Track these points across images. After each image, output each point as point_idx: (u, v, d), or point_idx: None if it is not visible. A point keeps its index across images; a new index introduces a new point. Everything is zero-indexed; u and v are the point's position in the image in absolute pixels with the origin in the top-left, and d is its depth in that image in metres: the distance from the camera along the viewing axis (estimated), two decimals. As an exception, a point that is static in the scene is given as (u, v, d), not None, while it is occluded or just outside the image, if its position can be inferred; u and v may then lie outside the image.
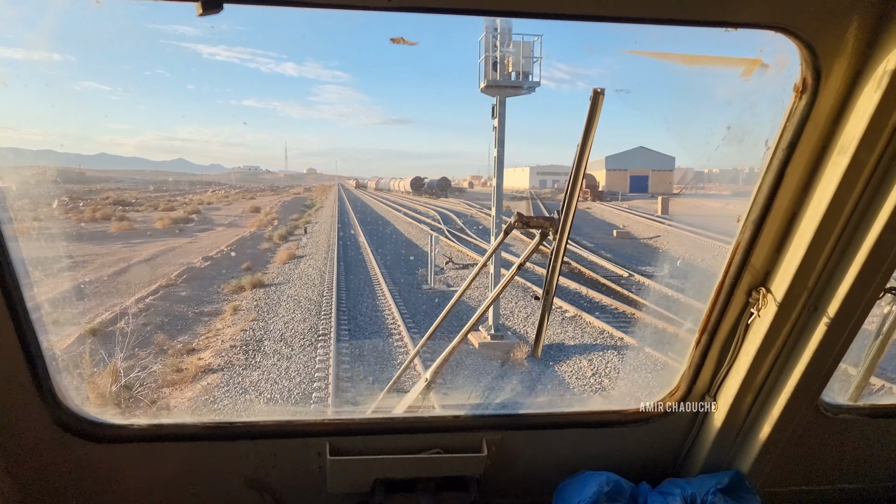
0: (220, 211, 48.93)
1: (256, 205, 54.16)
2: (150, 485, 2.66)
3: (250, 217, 43.40)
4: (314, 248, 29.04)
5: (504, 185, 15.95)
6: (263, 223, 37.30)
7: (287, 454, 2.68)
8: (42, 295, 9.39)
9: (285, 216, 44.49)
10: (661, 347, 11.79)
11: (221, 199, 64.91)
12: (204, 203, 55.86)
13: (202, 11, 1.59)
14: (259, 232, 33.79)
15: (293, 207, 55.43)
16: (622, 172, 74.65)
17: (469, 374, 11.25)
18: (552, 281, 2.47)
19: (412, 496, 2.73)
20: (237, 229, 35.92)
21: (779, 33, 1.89)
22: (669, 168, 73.60)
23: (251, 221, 39.24)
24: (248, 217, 43.79)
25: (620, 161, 75.54)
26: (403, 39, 1.98)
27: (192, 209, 44.48)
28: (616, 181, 71.71)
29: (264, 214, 44.07)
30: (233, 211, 49.29)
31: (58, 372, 2.46)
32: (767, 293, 2.39)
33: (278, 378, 12.12)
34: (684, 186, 64.35)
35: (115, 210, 40.85)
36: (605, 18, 1.87)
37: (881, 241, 2.10)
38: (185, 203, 52.17)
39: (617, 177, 73.69)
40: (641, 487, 2.72)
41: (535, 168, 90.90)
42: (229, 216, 44.11)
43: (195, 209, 44.86)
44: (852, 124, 1.99)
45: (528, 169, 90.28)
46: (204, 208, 49.30)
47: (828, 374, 2.51)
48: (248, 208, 50.20)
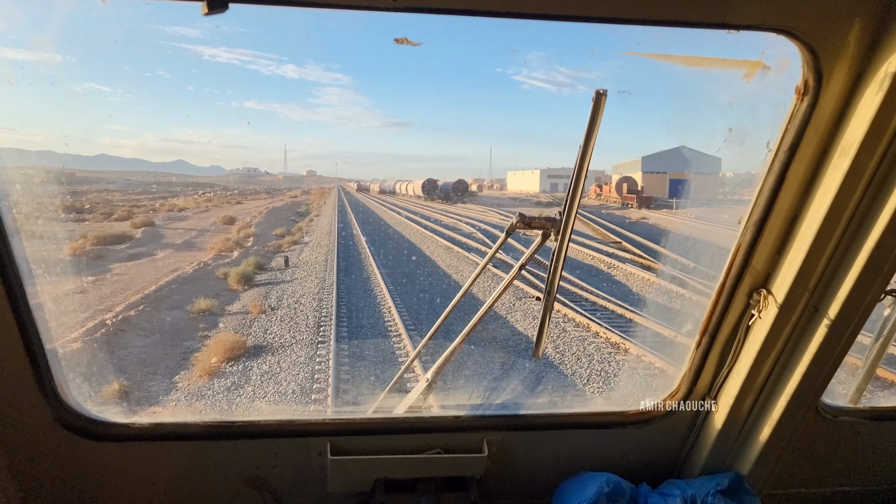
0: (185, 221, 37.16)
1: (233, 214, 42.05)
2: (151, 483, 2.67)
3: (218, 232, 31.27)
4: (293, 301, 15.82)
5: (512, 189, 15.16)
6: (230, 244, 25.76)
7: (288, 453, 2.69)
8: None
9: (267, 230, 32.83)
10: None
11: (202, 203, 53.40)
12: (175, 209, 44.85)
13: (207, 11, 1.60)
14: (215, 263, 21.50)
15: (282, 216, 43.69)
16: (660, 175, 62.88)
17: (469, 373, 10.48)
18: (553, 282, 2.47)
19: (412, 496, 2.73)
20: (186, 255, 23.76)
21: (781, 36, 1.90)
22: (715, 171, 59.34)
23: (214, 241, 26.63)
24: (215, 232, 31.57)
25: (658, 162, 64.11)
26: (407, 40, 1.98)
27: (145, 220, 32.59)
28: (653, 185, 60.08)
29: (238, 229, 32.12)
30: (201, 222, 36.88)
31: (60, 370, 2.47)
32: (768, 295, 2.39)
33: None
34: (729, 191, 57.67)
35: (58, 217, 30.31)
36: (607, 20, 1.87)
37: (882, 244, 2.10)
38: (152, 209, 42.42)
39: (654, 180, 61.82)
40: (641, 489, 2.72)
41: (545, 171, 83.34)
42: (192, 230, 32.47)
43: (149, 220, 32.96)
44: (853, 127, 1.99)
45: (538, 172, 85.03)
46: (165, 218, 37.86)
47: (828, 377, 2.51)
48: (221, 218, 37.66)
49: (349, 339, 12.64)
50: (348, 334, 12.94)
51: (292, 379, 10.45)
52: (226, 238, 27.91)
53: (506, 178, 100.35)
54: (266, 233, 31.79)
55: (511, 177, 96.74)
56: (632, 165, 65.51)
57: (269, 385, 10.26)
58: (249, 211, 46.14)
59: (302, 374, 10.63)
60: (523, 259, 2.50)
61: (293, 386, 10.17)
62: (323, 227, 36.38)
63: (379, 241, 29.26)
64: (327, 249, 25.68)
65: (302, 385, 10.19)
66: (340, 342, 12.22)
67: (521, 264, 2.51)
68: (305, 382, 10.30)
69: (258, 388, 10.16)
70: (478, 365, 10.90)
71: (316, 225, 37.74)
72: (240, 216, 40.66)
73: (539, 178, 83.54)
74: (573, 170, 2.23)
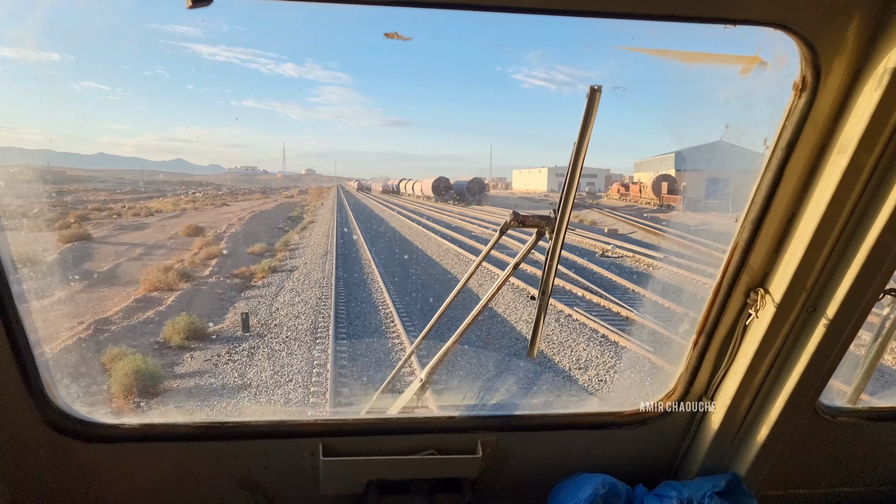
0: (141, 232, 28.29)
1: (210, 219, 34.06)
2: (142, 485, 2.63)
3: (174, 250, 23.28)
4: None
5: (518, 188, 14.47)
6: (174, 276, 17.14)
7: (280, 455, 2.65)
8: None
9: (242, 246, 24.40)
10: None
11: (182, 205, 45.75)
12: (143, 213, 36.02)
13: (192, 4, 1.57)
14: (123, 323, 12.65)
15: (268, 222, 35.34)
16: (698, 173, 51.48)
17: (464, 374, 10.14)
18: (548, 281, 2.44)
19: (406, 498, 2.70)
20: (92, 298, 15.09)
21: (778, 30, 1.87)
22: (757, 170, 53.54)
23: (152, 270, 17.63)
24: (170, 249, 23.42)
25: (695, 159, 51.72)
26: (398, 34, 1.95)
27: (77, 233, 23.94)
28: (690, 185, 51.24)
29: (200, 246, 23.41)
30: (159, 233, 28.28)
31: (48, 370, 2.43)
32: (766, 294, 2.37)
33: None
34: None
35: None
36: (602, 14, 1.85)
37: (881, 242, 2.08)
38: (116, 213, 34.95)
39: (691, 179, 52.39)
40: (637, 490, 2.70)
41: (553, 169, 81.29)
42: (139, 245, 23.71)
43: (83, 234, 24.36)
44: (852, 123, 1.97)
45: (545, 170, 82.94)
46: (117, 228, 29.23)
47: (826, 377, 2.49)
48: (185, 229, 28.61)
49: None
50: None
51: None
52: (177, 260, 19.97)
53: (508, 176, 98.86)
54: (238, 251, 23.25)
55: (517, 175, 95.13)
56: (660, 162, 58.10)
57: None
58: (230, 216, 37.38)
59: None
60: (517, 258, 2.46)
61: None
62: (317, 240, 27.90)
63: (401, 271, 19.84)
64: (321, 285, 16.55)
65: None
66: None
67: (515, 263, 2.48)
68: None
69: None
70: (472, 365, 10.65)
71: (309, 237, 29.18)
72: (215, 224, 32.21)
73: (546, 176, 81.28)
74: (567, 167, 2.20)
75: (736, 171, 2.55)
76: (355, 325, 12.72)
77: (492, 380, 10.06)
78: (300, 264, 20.85)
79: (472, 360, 10.77)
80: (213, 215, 38.28)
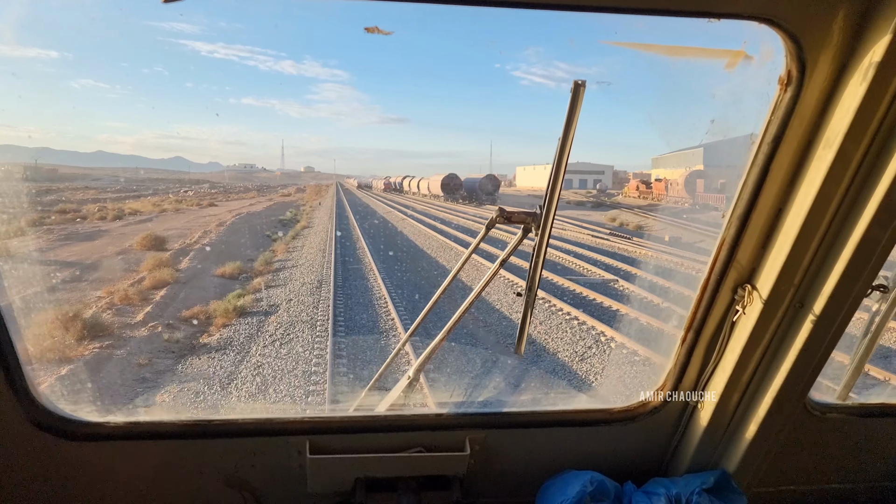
0: (90, 243, 22.71)
1: (183, 226, 28.93)
2: (127, 484, 2.61)
3: (109, 275, 16.75)
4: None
5: (522, 186, 13.41)
6: (73, 335, 10.76)
7: (267, 452, 2.63)
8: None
9: (209, 266, 18.60)
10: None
11: (166, 204, 41.01)
12: (107, 218, 30.45)
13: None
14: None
15: (255, 228, 29.82)
16: (727, 170, 47.48)
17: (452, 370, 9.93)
18: (535, 277, 2.43)
19: (393, 495, 2.69)
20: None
21: (763, 24, 1.86)
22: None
23: (41, 323, 10.58)
24: (103, 276, 16.73)
25: (724, 154, 47.32)
26: (378, 28, 1.93)
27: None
28: (716, 183, 42.38)
29: (150, 268, 17.02)
30: (111, 244, 22.57)
31: (31, 368, 2.39)
32: (753, 290, 2.36)
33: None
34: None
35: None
36: (587, 8, 1.83)
37: (868, 237, 2.07)
38: (79, 217, 30.05)
39: (722, 176, 39.28)
40: (626, 487, 2.69)
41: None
42: (74, 266, 17.92)
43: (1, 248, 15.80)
44: (838, 118, 1.96)
45: (550, 167, 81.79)
46: (63, 237, 23.74)
47: (815, 373, 2.48)
48: (141, 240, 22.04)
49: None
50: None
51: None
52: (106, 292, 14.15)
53: (509, 173, 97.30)
54: (202, 274, 17.21)
55: (521, 172, 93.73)
56: (686, 158, 52.81)
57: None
58: (211, 220, 31.58)
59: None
60: (504, 255, 2.45)
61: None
62: (311, 254, 21.68)
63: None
64: (310, 345, 11.26)
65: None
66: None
67: (501, 260, 2.47)
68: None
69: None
70: (459, 362, 10.56)
71: (301, 249, 23.11)
72: (188, 231, 26.77)
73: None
74: (552, 163, 2.19)
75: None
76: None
77: (480, 377, 10.04)
78: (282, 300, 14.40)
79: (460, 357, 10.84)
80: (191, 218, 33.02)
